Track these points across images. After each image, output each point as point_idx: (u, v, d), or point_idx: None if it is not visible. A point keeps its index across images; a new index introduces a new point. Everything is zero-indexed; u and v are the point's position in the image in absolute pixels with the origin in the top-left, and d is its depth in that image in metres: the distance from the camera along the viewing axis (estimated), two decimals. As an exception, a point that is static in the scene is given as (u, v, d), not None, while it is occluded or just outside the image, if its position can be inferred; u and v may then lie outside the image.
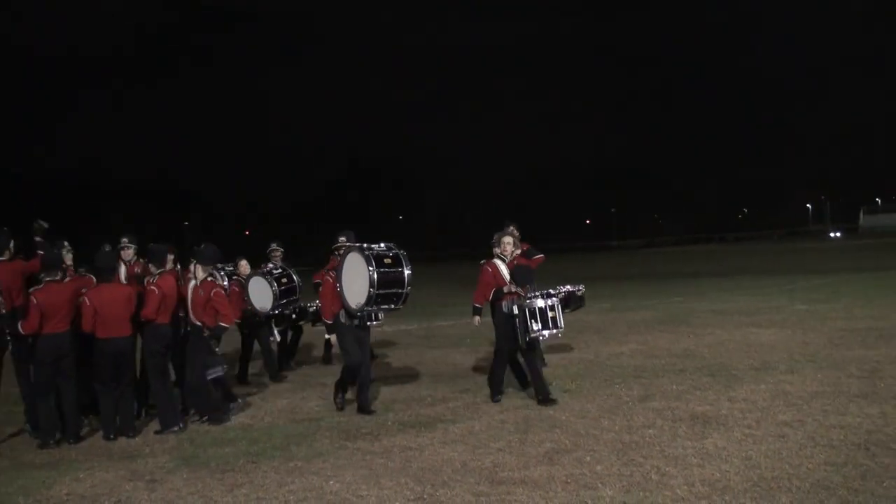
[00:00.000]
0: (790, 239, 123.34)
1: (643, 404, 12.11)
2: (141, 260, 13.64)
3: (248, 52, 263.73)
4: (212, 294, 12.54)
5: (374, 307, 12.63)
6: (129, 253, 13.70)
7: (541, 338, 12.81)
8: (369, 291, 12.34)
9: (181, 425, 12.29)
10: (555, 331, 12.79)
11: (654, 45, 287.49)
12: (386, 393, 14.08)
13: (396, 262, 12.73)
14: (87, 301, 11.84)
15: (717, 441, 9.95)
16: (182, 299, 12.79)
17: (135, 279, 13.07)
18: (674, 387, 13.17)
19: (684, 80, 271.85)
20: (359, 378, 13.00)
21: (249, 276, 16.28)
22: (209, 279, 12.68)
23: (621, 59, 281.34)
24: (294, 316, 17.33)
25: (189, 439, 11.70)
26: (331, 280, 13.25)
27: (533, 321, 12.60)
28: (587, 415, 11.70)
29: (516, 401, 12.95)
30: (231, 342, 17.37)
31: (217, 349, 12.62)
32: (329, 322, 13.36)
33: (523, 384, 13.54)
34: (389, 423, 12.00)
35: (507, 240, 13.35)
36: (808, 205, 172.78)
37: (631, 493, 8.29)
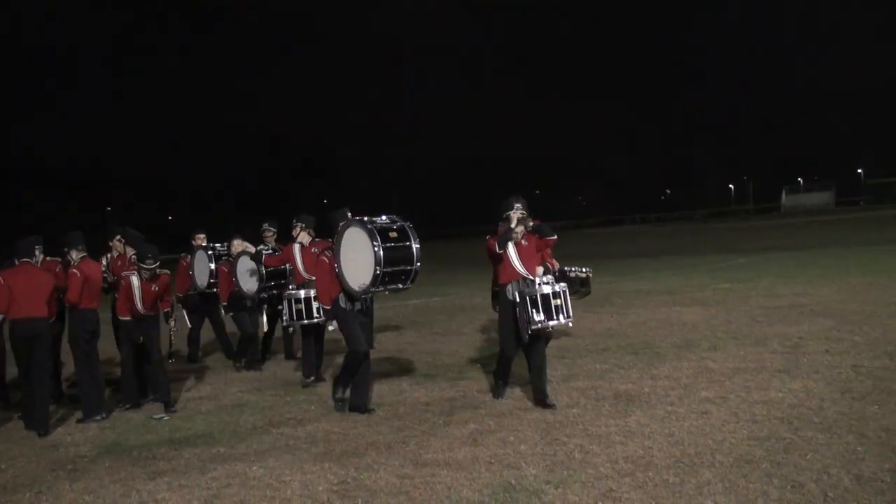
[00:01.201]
0: (713, 219, 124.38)
1: (567, 384, 12.14)
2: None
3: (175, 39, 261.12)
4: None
5: (381, 288, 11.31)
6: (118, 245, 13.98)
7: (547, 329, 11.38)
8: (375, 271, 10.99)
9: (104, 415, 12.11)
10: (562, 321, 11.25)
11: (573, 22, 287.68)
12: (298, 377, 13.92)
13: (403, 235, 11.34)
14: (2, 280, 11.71)
15: (640, 419, 10.00)
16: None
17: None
18: (597, 366, 13.22)
19: (608, 59, 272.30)
20: (360, 371, 11.81)
21: (238, 256, 15.55)
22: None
23: (548, 35, 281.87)
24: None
25: (111, 427, 11.56)
26: (327, 260, 11.87)
27: (535, 311, 11.10)
28: (511, 395, 11.70)
29: (441, 383, 12.94)
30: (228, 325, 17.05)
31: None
32: (328, 307, 11.96)
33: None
34: (313, 407, 11.94)
35: (515, 214, 11.49)
36: (730, 185, 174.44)
37: (555, 471, 8.29)
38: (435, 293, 28.62)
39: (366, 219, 11.46)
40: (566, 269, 13.96)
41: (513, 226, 11.30)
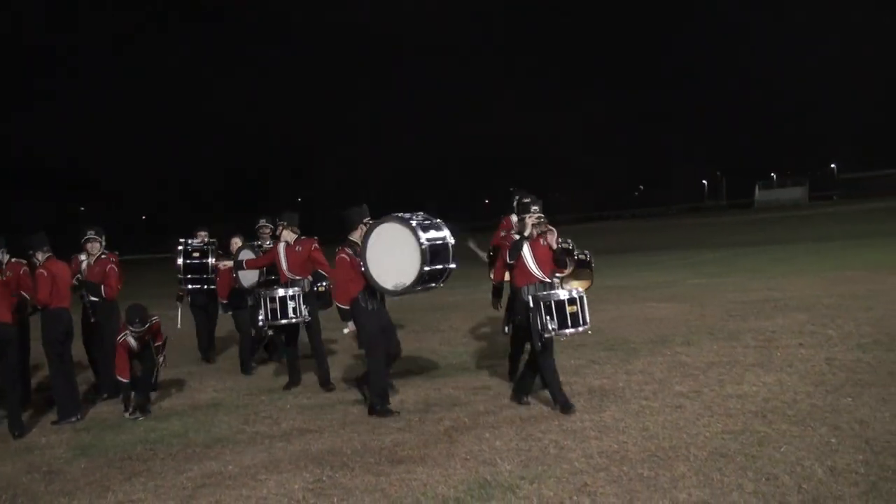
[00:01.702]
0: (688, 214, 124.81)
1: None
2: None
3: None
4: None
5: (419, 287, 10.71)
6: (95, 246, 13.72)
7: (562, 338, 10.84)
8: (420, 269, 10.38)
9: (79, 416, 12.06)
10: (581, 328, 10.57)
11: (539, 20, 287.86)
12: (285, 378, 13.87)
13: (440, 230, 10.79)
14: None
15: (614, 413, 10.03)
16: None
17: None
18: (572, 361, 13.21)
19: (578, 56, 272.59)
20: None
21: (239, 250, 15.24)
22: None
23: (519, 34, 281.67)
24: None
25: (86, 429, 11.52)
26: (347, 258, 11.42)
27: (549, 318, 10.43)
28: (486, 392, 11.72)
29: (417, 380, 12.93)
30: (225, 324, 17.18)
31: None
32: (345, 307, 11.51)
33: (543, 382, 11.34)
34: (289, 406, 11.91)
35: (531, 220, 10.86)
36: (703, 181, 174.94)
37: (529, 467, 8.30)
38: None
39: (406, 215, 10.81)
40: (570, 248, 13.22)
41: (526, 233, 10.77)
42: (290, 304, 12.87)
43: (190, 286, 16.25)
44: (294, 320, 12.98)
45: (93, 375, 14.26)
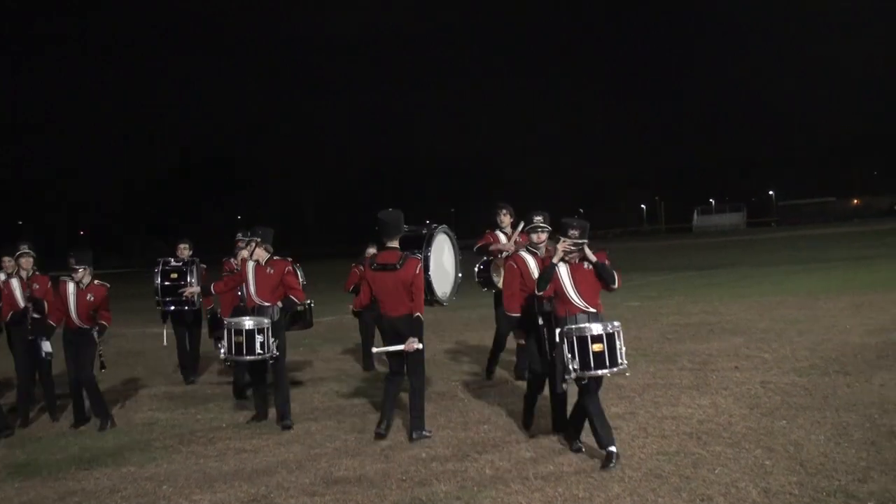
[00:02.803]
0: (627, 238, 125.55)
1: (479, 401, 12.18)
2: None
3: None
4: None
5: (453, 297, 10.93)
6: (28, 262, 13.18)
7: (582, 381, 9.04)
8: (457, 278, 10.97)
9: (9, 431, 11.95)
10: (615, 369, 9.01)
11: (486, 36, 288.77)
12: (221, 396, 13.81)
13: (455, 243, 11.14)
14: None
15: (550, 435, 10.05)
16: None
17: None
18: (509, 383, 13.24)
19: (515, 73, 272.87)
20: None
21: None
22: None
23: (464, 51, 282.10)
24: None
25: (20, 447, 11.36)
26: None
27: (571, 356, 8.87)
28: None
29: (354, 400, 12.92)
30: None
31: None
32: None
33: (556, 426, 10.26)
34: (224, 425, 11.85)
35: (563, 247, 9.25)
36: (642, 206, 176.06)
37: (465, 488, 8.32)
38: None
39: (443, 226, 11.07)
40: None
41: (555, 260, 9.23)
42: (258, 339, 11.30)
43: (172, 307, 15.37)
44: (260, 357, 11.42)
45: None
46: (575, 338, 8.82)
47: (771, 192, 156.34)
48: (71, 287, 12.12)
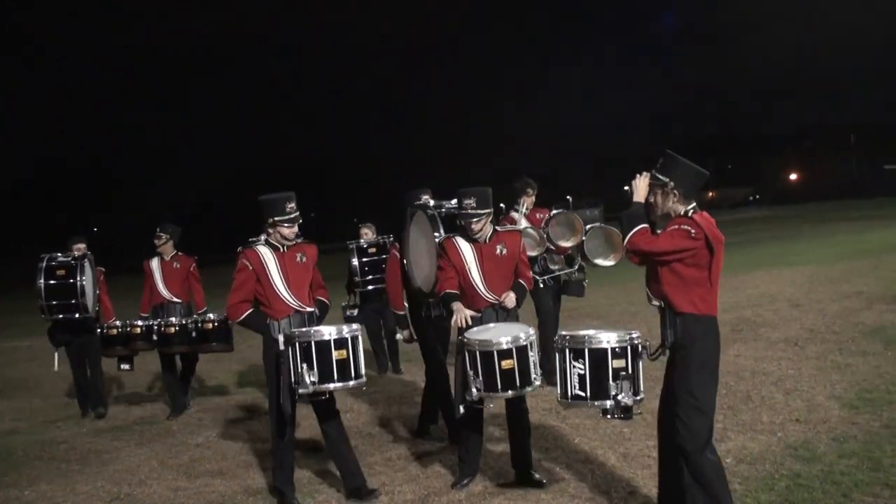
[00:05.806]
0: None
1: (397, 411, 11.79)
2: None
3: None
4: None
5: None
6: None
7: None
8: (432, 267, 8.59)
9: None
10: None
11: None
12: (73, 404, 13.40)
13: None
14: None
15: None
16: None
17: None
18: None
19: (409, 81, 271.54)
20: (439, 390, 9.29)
21: None
22: None
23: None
24: None
25: None
26: (396, 254, 9.66)
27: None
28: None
29: (215, 399, 13.06)
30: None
31: None
32: (401, 313, 9.70)
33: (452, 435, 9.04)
34: (85, 430, 11.81)
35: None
36: (501, 204, 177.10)
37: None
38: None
39: (431, 203, 8.99)
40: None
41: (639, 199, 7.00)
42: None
43: (60, 315, 12.06)
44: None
45: None
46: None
47: (626, 188, 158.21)
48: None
